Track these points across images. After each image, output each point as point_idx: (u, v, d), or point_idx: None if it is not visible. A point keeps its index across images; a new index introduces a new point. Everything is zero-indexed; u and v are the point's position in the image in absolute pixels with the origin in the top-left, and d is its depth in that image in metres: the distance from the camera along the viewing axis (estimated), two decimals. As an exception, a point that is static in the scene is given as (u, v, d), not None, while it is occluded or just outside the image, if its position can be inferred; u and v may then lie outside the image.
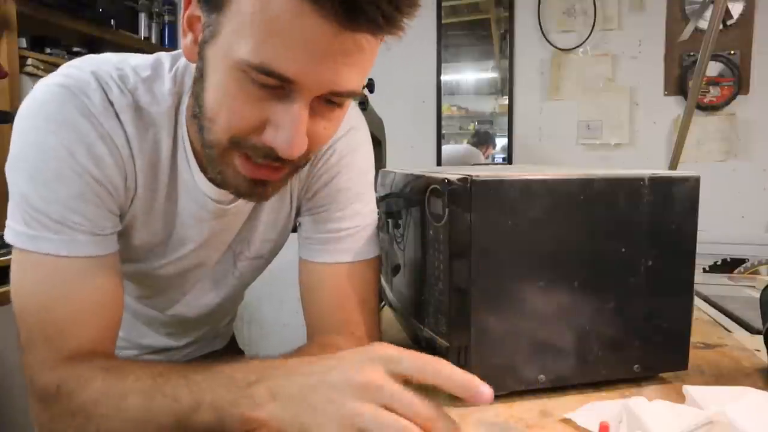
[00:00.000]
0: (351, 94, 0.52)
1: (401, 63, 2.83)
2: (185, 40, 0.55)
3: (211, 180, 0.63)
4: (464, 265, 0.58)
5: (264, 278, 0.84)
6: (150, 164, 0.61)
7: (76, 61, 0.59)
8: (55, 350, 0.56)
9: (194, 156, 0.63)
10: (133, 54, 0.63)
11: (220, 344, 0.96)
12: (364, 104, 1.64)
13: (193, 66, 0.58)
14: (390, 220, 0.79)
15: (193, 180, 0.64)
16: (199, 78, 0.54)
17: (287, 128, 0.50)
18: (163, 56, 0.64)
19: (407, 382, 0.43)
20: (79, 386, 0.53)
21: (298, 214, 0.75)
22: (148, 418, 0.50)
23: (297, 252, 0.75)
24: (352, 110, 0.73)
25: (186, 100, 0.62)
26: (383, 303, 0.92)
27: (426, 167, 0.83)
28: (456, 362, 0.60)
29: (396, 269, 0.79)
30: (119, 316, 0.62)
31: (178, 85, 0.62)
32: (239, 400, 0.47)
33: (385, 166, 1.99)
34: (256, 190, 0.57)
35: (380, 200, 0.80)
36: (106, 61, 0.60)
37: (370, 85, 1.74)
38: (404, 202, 0.72)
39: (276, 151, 0.51)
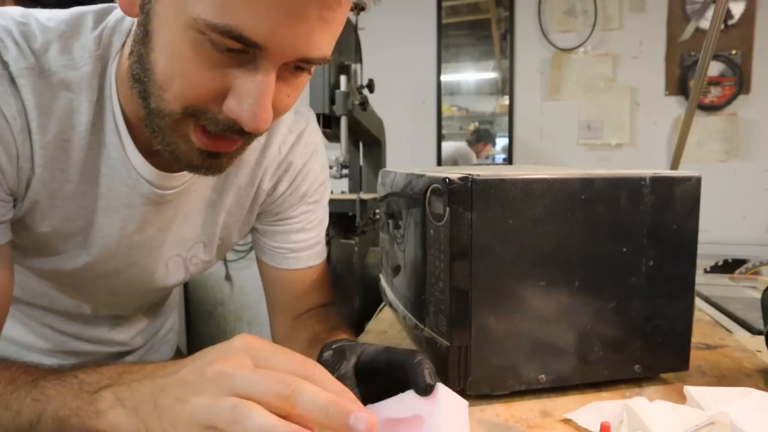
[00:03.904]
0: (322, 60, 0.46)
1: (401, 63, 2.83)
2: None
3: (148, 156, 0.56)
4: (465, 265, 0.57)
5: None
6: (58, 140, 0.52)
7: None
8: None
9: (127, 129, 0.55)
10: (42, 10, 0.53)
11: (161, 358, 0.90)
12: (363, 104, 1.63)
13: (125, 24, 0.52)
14: (390, 220, 0.79)
15: (126, 158, 0.56)
16: (144, 36, 0.46)
17: (252, 99, 0.44)
18: (86, 11, 0.54)
19: None
20: None
21: (258, 214, 0.74)
22: None
23: None
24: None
25: (114, 64, 0.53)
26: (383, 303, 0.92)
27: (426, 167, 0.83)
28: (456, 362, 0.60)
29: (396, 269, 0.79)
30: (2, 312, 0.55)
31: (103, 48, 0.53)
32: (82, 409, 0.42)
33: (385, 166, 1.99)
34: (210, 163, 0.52)
35: (380, 200, 0.80)
36: (3, 15, 0.50)
37: (370, 86, 1.74)
38: (404, 202, 0.72)
39: (240, 123, 0.46)
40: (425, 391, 0.43)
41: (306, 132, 0.71)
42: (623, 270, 0.62)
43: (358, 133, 1.79)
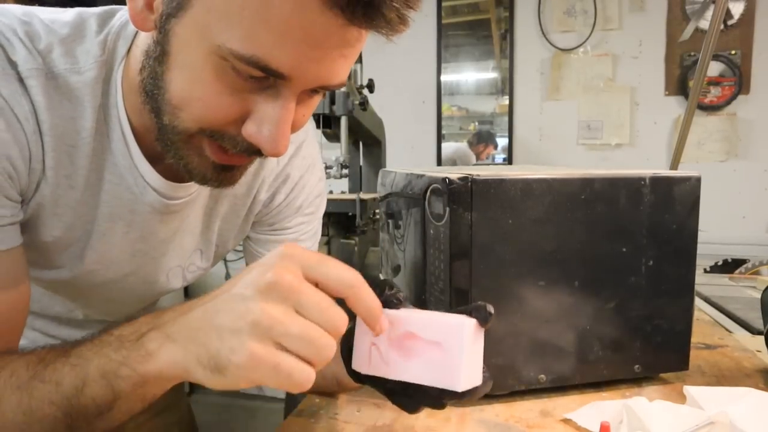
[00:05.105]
0: (340, 86, 0.48)
1: (401, 63, 2.83)
2: (134, 2, 0.46)
3: (155, 164, 0.55)
4: (465, 265, 0.58)
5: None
6: (64, 144, 0.51)
7: None
8: None
9: (134, 137, 0.54)
10: (42, 8, 0.52)
11: None
12: (364, 104, 1.63)
13: (129, 29, 0.52)
14: (390, 220, 0.79)
15: (133, 165, 0.55)
16: (161, 55, 0.45)
17: (272, 125, 0.45)
18: (87, 14, 0.53)
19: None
20: None
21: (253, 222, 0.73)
22: (30, 419, 0.42)
23: None
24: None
25: (119, 71, 0.52)
26: (383, 303, 0.92)
27: (426, 167, 0.83)
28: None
29: (396, 269, 0.79)
30: (19, 319, 0.53)
31: (108, 53, 0.52)
32: (129, 357, 0.40)
33: (385, 166, 1.99)
34: (224, 176, 0.52)
35: (380, 200, 0.80)
36: (6, 13, 0.48)
37: (370, 86, 1.74)
38: (404, 202, 0.72)
39: (259, 147, 0.46)
40: (485, 319, 0.45)
41: (305, 144, 0.71)
42: (623, 270, 0.62)
43: (358, 133, 1.79)
